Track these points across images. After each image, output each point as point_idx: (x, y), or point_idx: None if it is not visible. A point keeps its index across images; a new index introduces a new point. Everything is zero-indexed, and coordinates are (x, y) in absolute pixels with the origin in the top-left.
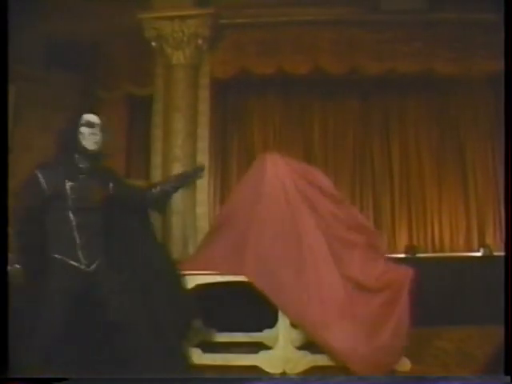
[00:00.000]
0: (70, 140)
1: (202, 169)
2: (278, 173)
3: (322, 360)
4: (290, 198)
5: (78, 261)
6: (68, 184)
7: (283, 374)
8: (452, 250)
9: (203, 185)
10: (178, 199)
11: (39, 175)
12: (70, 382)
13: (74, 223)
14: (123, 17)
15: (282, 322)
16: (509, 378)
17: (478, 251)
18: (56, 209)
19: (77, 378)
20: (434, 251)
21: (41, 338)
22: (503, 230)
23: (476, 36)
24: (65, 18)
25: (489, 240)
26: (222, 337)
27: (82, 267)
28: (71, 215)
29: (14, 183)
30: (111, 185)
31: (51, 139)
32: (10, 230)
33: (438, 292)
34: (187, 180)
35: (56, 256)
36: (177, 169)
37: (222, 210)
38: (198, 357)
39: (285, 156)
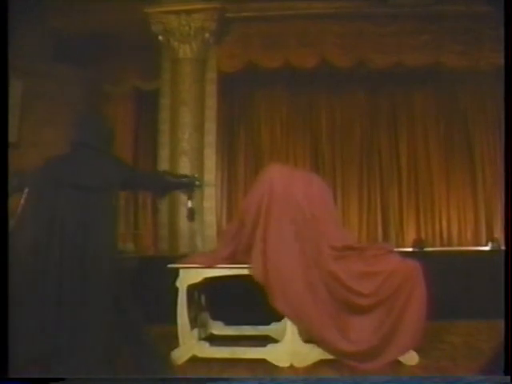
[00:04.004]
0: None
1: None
2: (284, 182)
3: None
4: (295, 203)
5: None
6: None
7: (291, 367)
8: (460, 244)
9: (210, 179)
10: None
11: None
12: (69, 382)
13: None
14: (130, 11)
15: None
16: (509, 378)
17: (487, 245)
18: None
19: (75, 378)
20: (442, 245)
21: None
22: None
23: (483, 29)
24: (72, 13)
25: (497, 234)
26: (230, 330)
27: None
28: None
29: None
30: None
31: (58, 135)
32: None
33: (445, 286)
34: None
35: None
36: (184, 162)
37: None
38: (205, 350)
39: (288, 165)
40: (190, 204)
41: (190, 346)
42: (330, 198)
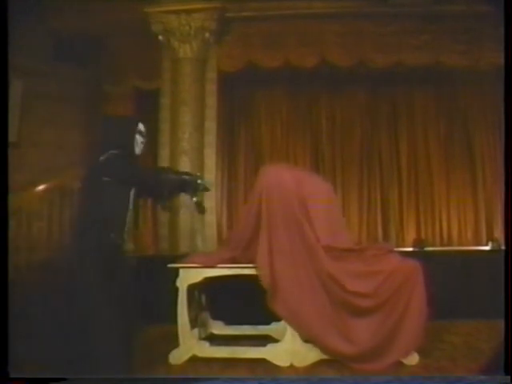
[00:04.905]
0: (126, 145)
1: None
2: (281, 180)
3: None
4: (292, 205)
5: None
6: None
7: (291, 367)
8: (460, 244)
9: (210, 179)
10: None
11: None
12: (70, 382)
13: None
14: (130, 11)
15: None
16: (509, 377)
17: (487, 245)
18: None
19: (76, 378)
20: (442, 245)
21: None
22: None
23: (484, 28)
24: (72, 13)
25: (497, 234)
26: (230, 330)
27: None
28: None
29: (22, 178)
30: None
31: (59, 134)
32: None
33: (446, 286)
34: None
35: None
36: (184, 162)
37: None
38: (205, 349)
39: (286, 164)
40: (195, 199)
41: (189, 345)
42: (331, 196)
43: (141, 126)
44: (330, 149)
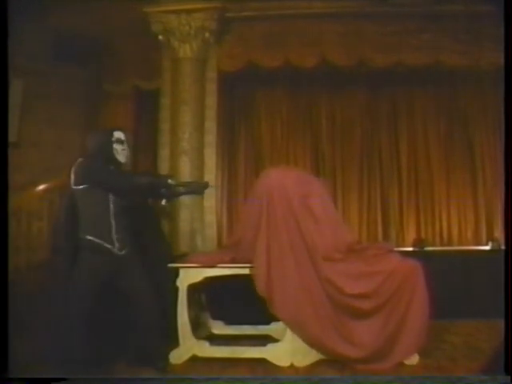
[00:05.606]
0: (107, 155)
1: (206, 186)
2: (282, 183)
3: None
4: (293, 208)
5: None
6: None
7: (291, 366)
8: (460, 244)
9: (211, 178)
10: None
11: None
12: (70, 382)
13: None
14: (130, 11)
15: None
16: (509, 377)
17: (487, 245)
18: (95, 194)
19: (77, 378)
20: (443, 245)
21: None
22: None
23: (484, 28)
24: (72, 13)
25: (497, 233)
26: (230, 329)
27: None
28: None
29: (22, 178)
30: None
31: (59, 134)
32: None
33: (446, 285)
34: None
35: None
36: (184, 162)
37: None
38: (205, 349)
39: (288, 168)
40: (163, 202)
41: (189, 345)
42: (329, 198)
43: (118, 135)
44: (330, 149)
